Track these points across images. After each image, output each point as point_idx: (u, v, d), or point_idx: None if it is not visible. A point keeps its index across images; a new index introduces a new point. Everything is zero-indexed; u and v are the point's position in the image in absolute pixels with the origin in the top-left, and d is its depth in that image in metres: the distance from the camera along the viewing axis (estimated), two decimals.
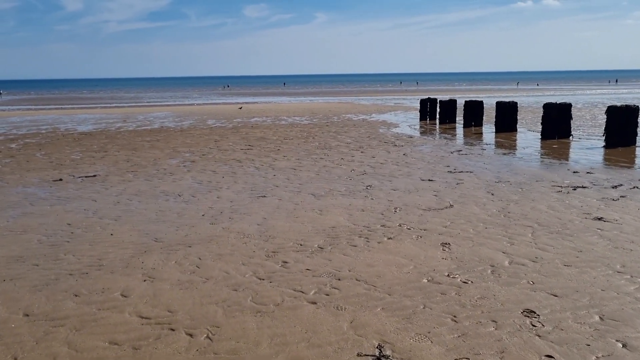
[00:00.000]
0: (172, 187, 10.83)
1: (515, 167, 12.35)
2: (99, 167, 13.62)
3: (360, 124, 25.08)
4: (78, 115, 34.44)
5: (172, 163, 14.13)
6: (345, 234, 7.14)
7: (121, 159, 15.17)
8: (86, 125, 27.14)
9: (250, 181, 11.26)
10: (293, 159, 14.37)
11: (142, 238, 7.16)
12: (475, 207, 8.54)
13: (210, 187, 10.69)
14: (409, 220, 7.83)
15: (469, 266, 5.83)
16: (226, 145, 17.91)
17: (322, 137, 19.60)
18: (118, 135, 21.64)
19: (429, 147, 16.39)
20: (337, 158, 14.38)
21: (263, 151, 16.15)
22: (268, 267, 5.91)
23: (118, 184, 11.32)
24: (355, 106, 39.62)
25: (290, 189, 10.40)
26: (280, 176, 11.79)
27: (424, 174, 11.64)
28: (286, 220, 7.92)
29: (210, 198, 9.66)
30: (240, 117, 30.25)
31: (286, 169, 12.72)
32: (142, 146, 18.03)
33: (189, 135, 21.14)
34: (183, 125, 25.59)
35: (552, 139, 17.84)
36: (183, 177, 11.97)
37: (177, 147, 17.49)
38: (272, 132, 21.95)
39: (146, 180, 11.63)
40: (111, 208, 9.02)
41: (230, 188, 10.59)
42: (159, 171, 12.83)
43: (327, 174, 11.92)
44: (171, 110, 38.83)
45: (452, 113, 25.14)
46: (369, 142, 18.03)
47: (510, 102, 21.02)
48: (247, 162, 14.07)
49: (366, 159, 14.15)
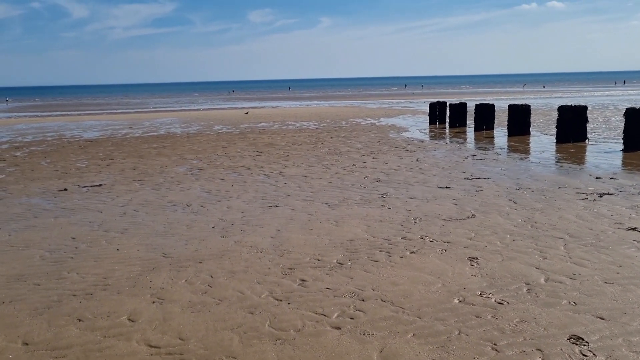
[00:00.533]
0: (180, 196, 10.46)
1: (535, 173, 11.91)
2: (104, 176, 13.28)
3: (369, 128, 24.69)
4: (84, 122, 34.21)
5: (180, 171, 13.78)
6: (365, 248, 6.72)
7: (127, 166, 14.84)
8: (92, 132, 26.89)
9: (260, 190, 10.88)
10: (303, 166, 13.98)
11: (150, 253, 6.77)
12: (499, 216, 8.11)
13: (220, 197, 10.31)
14: (431, 231, 7.41)
15: (501, 284, 5.41)
16: (234, 151, 17.55)
17: (331, 142, 19.22)
18: (124, 142, 21.34)
19: (442, 152, 15.97)
20: (348, 164, 13.98)
21: (272, 157, 15.77)
22: (285, 286, 5.50)
23: (124, 193, 10.97)
24: (362, 110, 39.22)
25: (302, 197, 10.00)
26: (291, 184, 11.40)
27: (440, 181, 11.23)
28: (301, 233, 7.51)
29: (220, 208, 9.28)
30: (247, 122, 29.92)
31: (297, 177, 12.34)
32: (149, 153, 17.70)
33: (195, 142, 20.81)
34: (189, 131, 25.27)
35: (567, 143, 17.39)
36: (191, 185, 11.60)
37: (184, 154, 17.15)
38: (280, 137, 21.58)
39: (153, 190, 11.27)
40: (117, 220, 8.65)
41: (241, 197, 10.21)
42: (166, 180, 12.47)
43: (339, 182, 11.53)
44: (177, 115, 38.57)
45: (463, 117, 24.72)
46: (380, 147, 17.63)
47: (522, 105, 20.58)
48: (256, 169, 13.70)
49: (379, 165, 13.75)
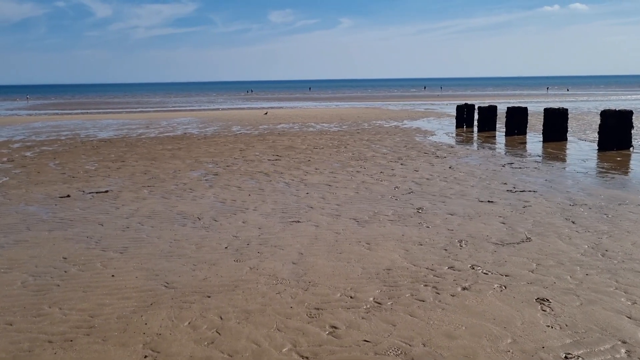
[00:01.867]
0: (191, 207, 9.43)
1: (586, 186, 10.65)
2: (112, 181, 12.33)
3: (393, 131, 23.52)
4: (101, 121, 33.56)
5: (193, 176, 12.77)
6: (406, 281, 5.59)
7: (138, 170, 13.89)
8: (107, 131, 26.13)
9: (280, 201, 9.80)
10: (326, 173, 12.89)
11: (150, 281, 5.72)
12: (559, 241, 6.92)
13: (235, 208, 9.26)
14: (482, 259, 6.26)
15: (589, 340, 4.24)
16: (252, 155, 16.53)
17: (354, 146, 18.10)
18: (138, 143, 20.47)
19: (476, 159, 14.75)
20: (375, 172, 12.85)
21: (292, 162, 14.71)
22: (312, 336, 4.39)
23: (131, 202, 9.97)
24: (384, 112, 38.01)
25: (327, 211, 8.90)
26: (314, 194, 10.31)
27: (480, 194, 10.04)
28: (328, 258, 6.41)
29: (234, 223, 8.22)
30: (266, 123, 28.93)
31: (320, 185, 11.24)
32: (163, 155, 16.76)
33: (212, 143, 19.85)
34: (207, 132, 24.35)
35: (610, 150, 16.06)
36: (204, 194, 10.57)
37: (199, 157, 16.17)
38: (301, 140, 20.52)
39: (163, 198, 10.26)
40: (118, 235, 7.64)
41: (258, 209, 9.14)
42: (178, 186, 11.47)
43: (367, 192, 10.40)
44: (195, 115, 37.76)
45: (492, 120, 23.45)
46: (407, 152, 16.46)
47: (560, 109, 19.25)
48: (275, 175, 12.64)
49: (408, 173, 12.60)
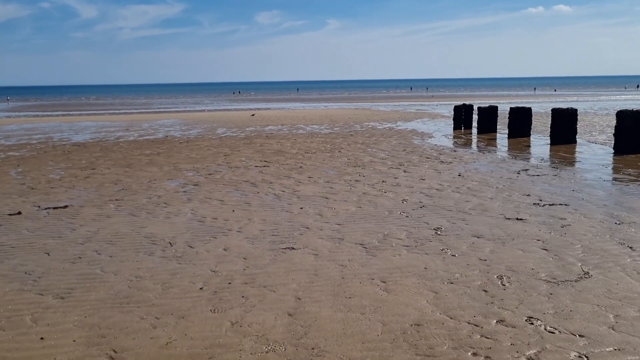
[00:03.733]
0: (163, 227, 7.86)
1: (623, 199, 9.23)
2: (76, 193, 10.72)
3: (388, 133, 22.09)
4: (80, 123, 31.79)
5: (170, 187, 11.20)
6: (446, 345, 4.09)
7: (109, 179, 12.28)
8: (84, 134, 24.43)
9: (270, 219, 8.25)
10: (321, 182, 11.39)
11: (91, 349, 4.16)
12: (627, 276, 5.46)
13: (216, 229, 7.71)
14: (538, 307, 4.77)
15: None
16: (238, 160, 14.98)
17: (349, 150, 16.62)
18: (115, 148, 18.83)
19: (485, 165, 13.33)
20: (376, 180, 11.38)
21: (282, 169, 13.19)
22: None
23: (92, 221, 8.38)
24: (375, 113, 36.60)
25: (327, 232, 7.38)
26: (309, 210, 8.79)
27: (503, 208, 8.59)
28: (334, 306, 4.87)
29: (214, 250, 6.67)
30: (253, 125, 27.36)
31: (315, 198, 9.73)
32: (139, 162, 15.15)
33: (195, 147, 18.26)
34: (190, 135, 22.74)
35: (628, 154, 14.76)
36: (181, 210, 9.01)
37: (179, 164, 14.59)
38: (291, 143, 19.00)
39: (131, 216, 8.67)
40: (66, 270, 6.05)
41: (243, 230, 7.60)
42: (151, 200, 9.89)
43: (371, 207, 8.91)
44: (180, 117, 36.07)
45: (493, 121, 22.17)
46: (408, 156, 15.01)
47: (568, 109, 17.93)
48: (263, 185, 11.11)
49: (414, 182, 11.14)
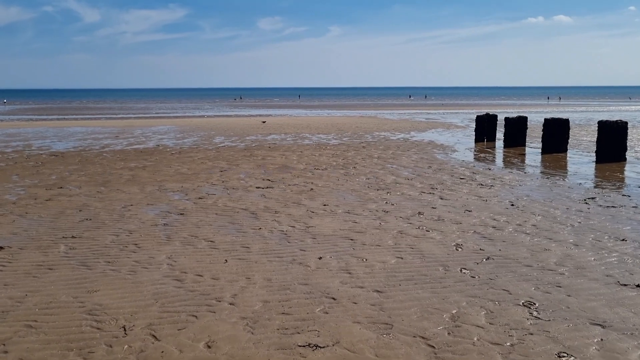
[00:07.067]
0: (121, 294, 5.42)
1: None
2: (25, 224, 8.31)
3: (404, 145, 19.72)
4: (69, 128, 29.43)
5: (147, 217, 8.78)
6: None
7: (74, 204, 9.89)
8: (68, 142, 22.06)
9: (277, 278, 5.81)
10: (341, 212, 8.98)
11: None
12: None
13: (198, 299, 5.26)
14: None
15: None
16: (235, 178, 12.58)
17: (366, 167, 14.23)
18: (96, 159, 16.46)
19: (536, 190, 10.93)
20: (410, 211, 8.97)
21: (290, 192, 10.79)
22: None
23: (25, 276, 5.94)
24: (383, 122, 34.23)
25: (364, 310, 4.94)
26: (331, 261, 6.36)
27: (603, 263, 6.17)
28: None
29: (190, 351, 4.23)
30: (254, 134, 24.98)
31: (337, 240, 7.30)
32: (119, 178, 12.76)
33: (187, 160, 15.88)
34: (184, 145, 20.35)
35: None
36: (154, 257, 6.58)
37: (165, 182, 12.19)
38: (297, 156, 16.62)
39: (82, 267, 6.24)
40: None
41: (239, 302, 5.17)
42: (119, 238, 7.47)
43: (416, 257, 6.48)
44: (177, 123, 33.70)
45: (522, 134, 19.90)
46: (437, 176, 12.62)
47: (618, 122, 15.54)
48: (267, 217, 8.70)
49: (459, 214, 8.73)
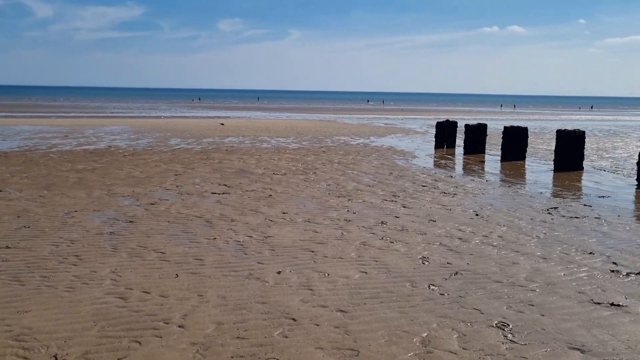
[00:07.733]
0: (54, 316, 4.84)
1: None
2: None
3: (364, 151, 19.49)
4: (14, 127, 27.92)
5: (93, 225, 8.13)
6: None
7: (13, 209, 9.12)
8: (12, 141, 20.83)
9: (232, 296, 5.32)
10: (300, 221, 8.56)
11: None
12: None
13: (143, 322, 4.72)
14: None
15: None
16: (190, 183, 11.99)
17: (326, 172, 13.87)
18: (42, 160, 15.51)
19: (499, 199, 10.81)
20: (373, 220, 8.64)
21: (247, 199, 10.30)
22: None
23: None
24: (343, 126, 34.08)
25: (327, 333, 4.53)
26: (291, 276, 5.93)
27: (574, 279, 5.96)
28: None
29: None
30: (211, 136, 24.29)
31: (296, 251, 6.88)
32: (64, 181, 11.98)
33: (140, 163, 15.14)
34: (137, 146, 19.51)
35: None
36: (96, 272, 5.99)
37: (115, 185, 11.49)
38: (255, 160, 16.11)
39: (14, 282, 5.60)
40: None
41: (189, 325, 4.66)
42: (58, 249, 6.82)
43: (381, 271, 6.13)
44: (131, 123, 32.53)
45: (481, 141, 20.06)
46: (399, 183, 12.38)
47: (576, 131, 15.73)
48: (223, 226, 8.20)
49: (423, 224, 8.45)
